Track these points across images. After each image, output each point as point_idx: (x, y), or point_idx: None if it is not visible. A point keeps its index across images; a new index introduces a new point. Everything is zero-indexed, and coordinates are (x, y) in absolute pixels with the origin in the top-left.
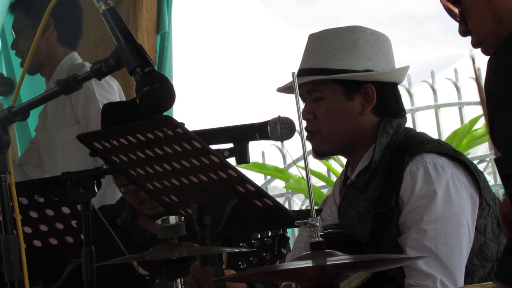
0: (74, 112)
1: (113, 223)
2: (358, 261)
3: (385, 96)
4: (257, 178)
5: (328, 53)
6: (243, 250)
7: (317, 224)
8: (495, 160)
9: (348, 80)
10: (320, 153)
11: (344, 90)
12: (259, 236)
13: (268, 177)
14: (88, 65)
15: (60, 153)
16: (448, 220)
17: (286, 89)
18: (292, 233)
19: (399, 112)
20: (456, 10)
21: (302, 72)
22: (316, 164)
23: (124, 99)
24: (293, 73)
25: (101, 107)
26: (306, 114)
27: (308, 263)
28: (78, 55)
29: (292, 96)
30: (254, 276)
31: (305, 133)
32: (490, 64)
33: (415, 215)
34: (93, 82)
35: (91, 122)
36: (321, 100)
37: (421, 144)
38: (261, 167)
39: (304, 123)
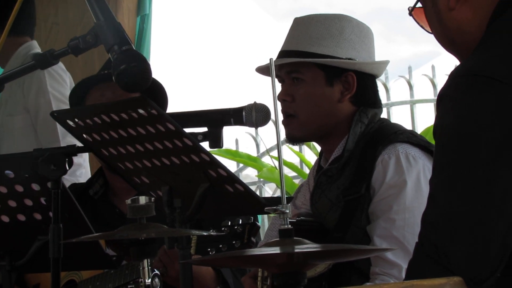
0: (24, 101)
1: (85, 193)
2: (326, 250)
3: (364, 87)
4: (230, 166)
5: (313, 37)
6: (212, 233)
7: (287, 211)
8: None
9: (331, 66)
10: (294, 139)
11: (325, 76)
12: (229, 224)
13: (241, 165)
14: None
15: (5, 140)
16: (417, 211)
17: (265, 70)
18: (263, 222)
19: (376, 103)
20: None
21: (284, 54)
22: (289, 155)
23: None
24: (270, 59)
25: (51, 99)
26: (284, 96)
27: (275, 250)
28: (37, 44)
29: (270, 82)
30: (221, 260)
31: (280, 120)
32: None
33: (385, 204)
34: (46, 73)
35: (40, 113)
36: (301, 83)
37: (395, 134)
38: (234, 155)
39: (280, 105)
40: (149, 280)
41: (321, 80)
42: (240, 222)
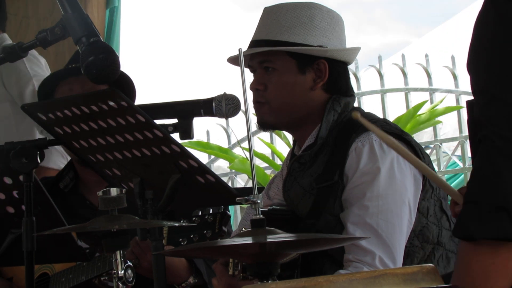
0: (4, 91)
1: (55, 187)
2: (299, 239)
3: (336, 74)
4: (201, 158)
5: (283, 26)
6: (184, 224)
7: (259, 201)
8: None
9: (302, 54)
10: (265, 124)
11: (297, 64)
12: (200, 214)
13: (212, 156)
14: None
15: None
16: (390, 198)
17: (236, 60)
18: (234, 213)
19: (348, 91)
20: None
21: (255, 43)
22: (260, 146)
23: None
24: (239, 49)
25: (33, 80)
26: (256, 85)
27: (248, 240)
28: (8, 37)
29: (240, 73)
30: (194, 251)
31: (250, 112)
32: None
33: (358, 191)
34: (24, 59)
35: (25, 94)
36: (273, 72)
37: None
38: (205, 147)
39: (251, 95)
40: (122, 272)
41: (293, 68)
42: (211, 212)
